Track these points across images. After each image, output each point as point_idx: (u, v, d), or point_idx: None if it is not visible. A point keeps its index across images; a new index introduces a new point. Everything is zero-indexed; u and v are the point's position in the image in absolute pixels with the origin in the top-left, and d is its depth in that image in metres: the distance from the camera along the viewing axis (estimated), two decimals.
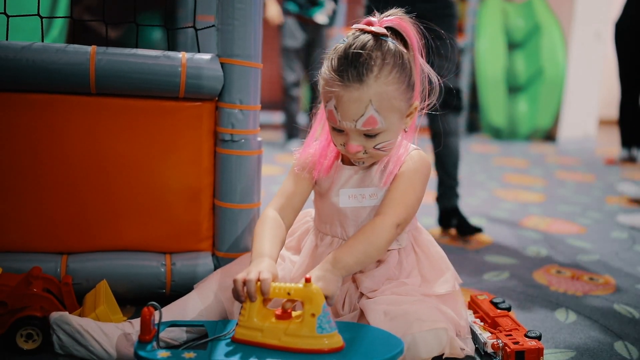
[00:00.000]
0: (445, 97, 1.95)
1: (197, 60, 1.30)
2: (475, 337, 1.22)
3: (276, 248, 1.14)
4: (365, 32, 1.10)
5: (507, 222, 2.35)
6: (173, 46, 3.88)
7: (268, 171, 3.03)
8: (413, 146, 1.21)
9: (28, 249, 1.33)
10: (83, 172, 1.32)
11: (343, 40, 1.12)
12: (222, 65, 1.32)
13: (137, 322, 1.13)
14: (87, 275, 1.31)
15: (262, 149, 1.40)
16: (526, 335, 1.18)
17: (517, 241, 2.08)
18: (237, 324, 1.01)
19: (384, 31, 1.10)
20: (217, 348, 0.99)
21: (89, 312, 1.15)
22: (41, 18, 1.36)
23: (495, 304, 1.31)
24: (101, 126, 1.32)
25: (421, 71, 1.16)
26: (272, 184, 2.75)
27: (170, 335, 1.14)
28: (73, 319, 1.09)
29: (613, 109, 4.58)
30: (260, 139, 1.38)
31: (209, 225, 1.40)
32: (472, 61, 5.30)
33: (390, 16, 1.13)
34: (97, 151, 1.32)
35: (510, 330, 1.21)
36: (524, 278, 1.69)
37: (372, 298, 1.13)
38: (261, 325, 1.00)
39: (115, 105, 1.31)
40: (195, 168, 1.37)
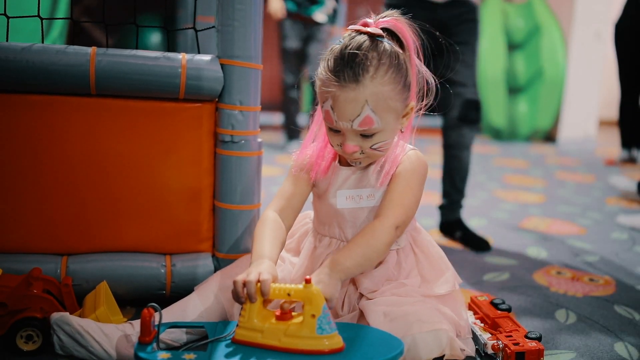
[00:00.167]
0: (465, 111, 1.93)
1: (197, 61, 1.30)
2: (475, 338, 1.22)
3: (276, 250, 1.14)
4: (361, 33, 1.11)
5: (507, 223, 2.35)
6: (172, 49, 3.87)
7: (268, 172, 3.03)
8: (410, 146, 1.22)
9: (28, 250, 1.33)
10: (83, 173, 1.33)
11: (339, 41, 1.13)
12: (222, 66, 1.32)
13: (137, 323, 1.13)
14: (87, 276, 1.31)
15: (262, 150, 1.40)
16: (526, 336, 1.18)
17: (517, 242, 2.08)
18: (237, 325, 1.01)
19: (380, 32, 1.11)
20: (217, 349, 0.99)
21: (89, 313, 1.15)
22: (41, 19, 1.36)
23: (495, 305, 1.31)
24: (101, 127, 1.32)
25: (417, 72, 1.16)
26: (272, 185, 2.75)
27: (170, 336, 1.14)
28: (73, 320, 1.09)
29: (613, 110, 4.58)
30: (260, 140, 1.38)
31: (209, 226, 1.40)
32: None
33: (386, 17, 1.14)
34: (97, 152, 1.32)
35: (510, 331, 1.21)
36: (524, 279, 1.69)
37: (372, 299, 1.13)
38: (261, 326, 1.00)
39: (115, 106, 1.31)
40: (195, 169, 1.37)
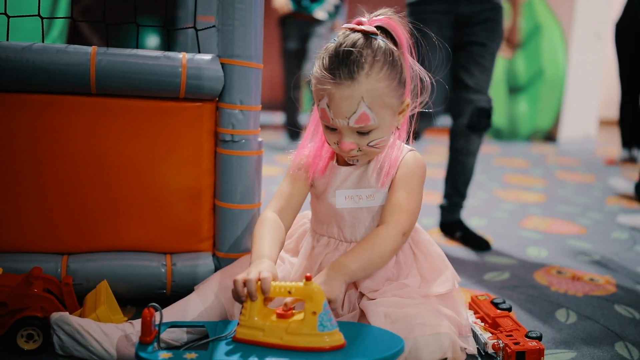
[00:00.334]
0: (476, 120, 1.89)
1: (198, 60, 1.30)
2: (476, 338, 1.22)
3: (275, 250, 1.14)
4: (355, 31, 1.12)
5: (508, 223, 2.35)
6: (171, 49, 3.86)
7: (268, 171, 3.03)
8: (407, 147, 1.22)
9: (28, 250, 1.33)
10: (83, 173, 1.33)
11: (333, 39, 1.13)
12: (223, 65, 1.32)
13: (138, 323, 1.13)
14: (88, 275, 1.31)
15: (263, 150, 1.40)
16: (527, 335, 1.18)
17: (518, 242, 2.08)
18: (239, 324, 1.01)
19: (374, 30, 1.12)
20: (218, 348, 0.99)
21: (90, 313, 1.15)
22: (42, 19, 1.36)
23: (495, 305, 1.31)
24: (102, 126, 1.32)
25: (411, 70, 1.17)
26: (273, 185, 2.75)
27: (170, 336, 1.14)
28: (73, 320, 1.09)
29: (613, 110, 4.58)
30: (260, 140, 1.38)
31: (210, 225, 1.40)
32: None
33: (379, 16, 1.15)
34: (98, 151, 1.32)
35: (510, 330, 1.21)
36: (525, 278, 1.69)
37: (373, 299, 1.13)
38: (262, 324, 1.00)
39: (115, 105, 1.31)
40: (195, 168, 1.37)
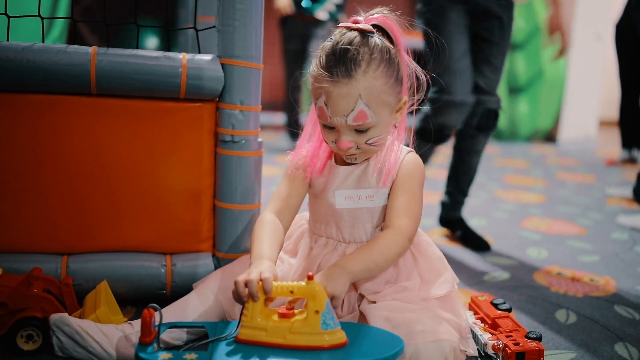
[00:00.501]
0: (485, 121, 1.88)
1: (198, 61, 1.30)
2: (475, 339, 1.22)
3: (275, 251, 1.14)
4: (351, 30, 1.12)
5: (508, 223, 2.35)
6: (171, 49, 3.86)
7: (268, 172, 3.03)
8: (406, 148, 1.22)
9: (28, 250, 1.33)
10: (83, 173, 1.32)
11: (330, 38, 1.14)
12: (223, 66, 1.32)
13: (137, 323, 1.13)
14: (88, 276, 1.31)
15: (263, 150, 1.40)
16: (527, 336, 1.18)
17: (518, 242, 2.08)
18: (241, 325, 1.01)
19: (370, 28, 1.12)
20: (218, 349, 0.99)
21: (90, 313, 1.15)
22: (42, 19, 1.36)
23: (495, 305, 1.31)
24: (102, 127, 1.32)
25: (408, 68, 1.17)
26: (273, 185, 2.75)
27: (170, 335, 1.14)
28: (73, 320, 1.09)
29: (613, 110, 4.58)
30: (260, 140, 1.38)
31: (210, 226, 1.40)
32: None
33: (375, 14, 1.15)
34: (98, 152, 1.32)
35: (510, 331, 1.21)
36: (525, 279, 1.69)
37: (374, 302, 1.13)
38: (265, 324, 1.00)
39: (115, 106, 1.31)
40: (195, 169, 1.37)
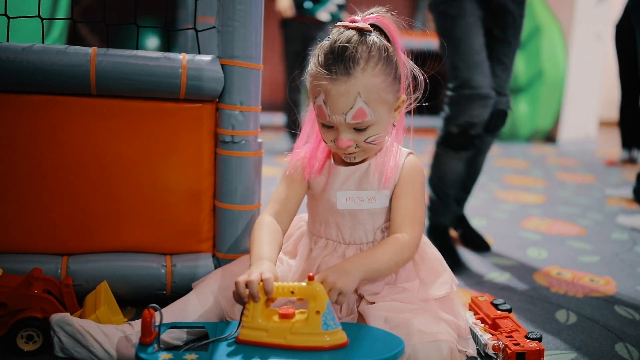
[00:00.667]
0: (494, 122, 1.86)
1: (198, 61, 1.30)
2: (475, 339, 1.22)
3: (274, 252, 1.14)
4: (349, 29, 1.12)
5: (508, 223, 2.35)
6: (171, 51, 3.86)
7: (268, 172, 3.03)
8: (406, 150, 1.22)
9: (28, 250, 1.33)
10: (83, 174, 1.32)
11: (328, 37, 1.14)
12: (223, 66, 1.32)
13: (137, 324, 1.13)
14: (88, 276, 1.31)
15: (263, 150, 1.40)
16: (527, 336, 1.18)
17: (518, 242, 2.08)
18: (242, 325, 1.01)
19: (368, 27, 1.13)
20: (219, 349, 0.99)
21: (90, 314, 1.15)
22: (42, 19, 1.36)
23: (495, 306, 1.31)
24: (101, 127, 1.32)
25: (405, 67, 1.17)
26: (273, 185, 2.74)
27: (170, 335, 1.14)
28: (74, 320, 1.09)
29: (613, 110, 4.58)
30: (260, 141, 1.39)
31: (210, 226, 1.40)
32: None
33: (372, 14, 1.16)
34: (98, 152, 1.32)
35: (511, 331, 1.21)
36: (525, 279, 1.69)
37: (373, 303, 1.13)
38: (266, 325, 1.00)
39: (115, 106, 1.31)
40: (195, 169, 1.37)
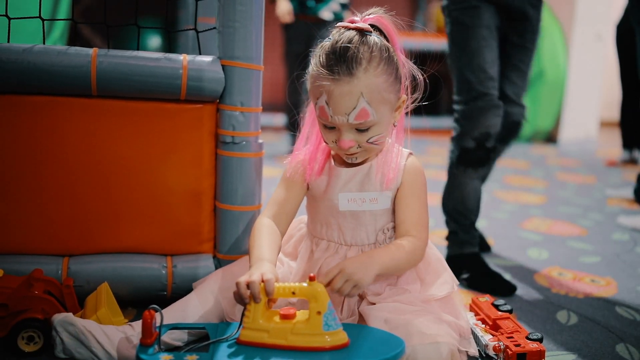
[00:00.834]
0: (510, 133, 1.85)
1: (199, 62, 1.30)
2: (476, 340, 1.22)
3: (274, 253, 1.14)
4: (349, 29, 1.12)
5: (508, 224, 2.35)
6: (172, 51, 3.86)
7: (269, 173, 3.03)
8: (405, 150, 1.22)
9: (29, 252, 1.33)
10: (84, 174, 1.32)
11: (328, 38, 1.14)
12: (223, 67, 1.32)
13: (138, 325, 1.13)
14: (89, 277, 1.31)
15: (263, 151, 1.40)
16: (528, 337, 1.18)
17: (518, 243, 2.08)
18: (243, 326, 1.01)
19: (368, 27, 1.13)
20: (219, 350, 0.99)
21: (90, 315, 1.15)
22: (42, 20, 1.36)
23: (496, 306, 1.31)
24: (102, 128, 1.32)
25: (404, 67, 1.17)
26: (273, 186, 2.72)
27: (171, 336, 1.14)
28: (77, 320, 1.09)
29: (614, 111, 4.58)
30: (261, 141, 1.39)
31: (210, 227, 1.40)
32: None
33: (371, 15, 1.16)
34: (98, 153, 1.32)
35: (511, 332, 1.21)
36: (526, 280, 1.69)
37: (374, 304, 1.13)
38: (267, 326, 1.00)
39: (116, 107, 1.31)
40: (196, 170, 1.36)
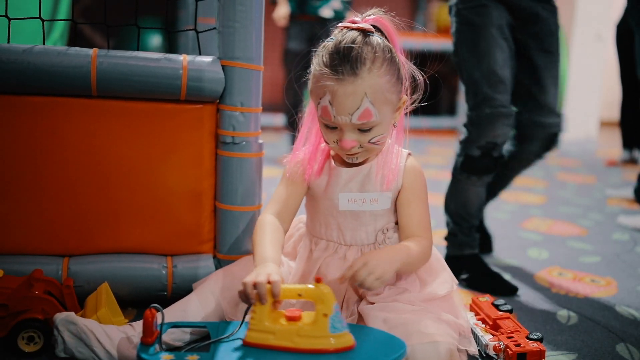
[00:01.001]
0: (547, 148, 1.78)
1: (199, 62, 1.31)
2: (476, 340, 1.22)
3: (278, 253, 1.14)
4: (351, 30, 1.12)
5: (508, 224, 2.35)
6: (172, 51, 3.86)
7: (269, 173, 3.03)
8: (405, 150, 1.22)
9: (29, 252, 1.33)
10: (84, 175, 1.33)
11: (330, 38, 1.14)
12: (224, 67, 1.32)
13: (139, 325, 1.13)
14: (89, 277, 1.31)
15: (264, 151, 1.40)
16: (528, 337, 1.18)
17: (519, 243, 2.08)
18: (248, 328, 1.00)
19: (370, 27, 1.13)
20: (220, 350, 0.99)
21: (91, 315, 1.15)
22: (42, 21, 1.36)
23: (496, 306, 1.31)
24: (102, 129, 1.32)
25: (404, 68, 1.17)
26: (273, 186, 2.72)
27: (171, 336, 1.14)
28: (79, 320, 1.09)
29: (614, 111, 4.58)
30: (261, 141, 1.39)
31: (210, 227, 1.40)
32: None
33: (371, 15, 1.16)
34: (98, 154, 1.32)
35: (512, 332, 1.21)
36: (526, 280, 1.69)
37: (374, 304, 1.13)
38: (273, 327, 0.99)
39: (116, 107, 1.31)
40: (196, 170, 1.37)
